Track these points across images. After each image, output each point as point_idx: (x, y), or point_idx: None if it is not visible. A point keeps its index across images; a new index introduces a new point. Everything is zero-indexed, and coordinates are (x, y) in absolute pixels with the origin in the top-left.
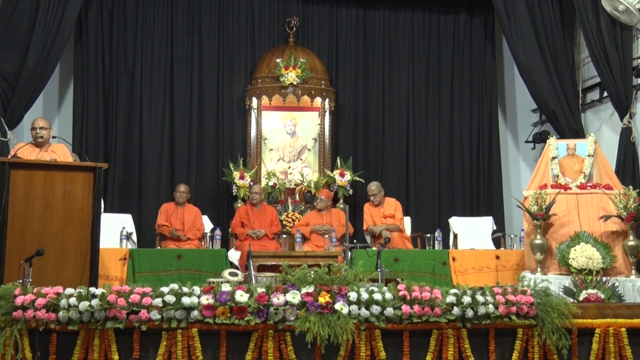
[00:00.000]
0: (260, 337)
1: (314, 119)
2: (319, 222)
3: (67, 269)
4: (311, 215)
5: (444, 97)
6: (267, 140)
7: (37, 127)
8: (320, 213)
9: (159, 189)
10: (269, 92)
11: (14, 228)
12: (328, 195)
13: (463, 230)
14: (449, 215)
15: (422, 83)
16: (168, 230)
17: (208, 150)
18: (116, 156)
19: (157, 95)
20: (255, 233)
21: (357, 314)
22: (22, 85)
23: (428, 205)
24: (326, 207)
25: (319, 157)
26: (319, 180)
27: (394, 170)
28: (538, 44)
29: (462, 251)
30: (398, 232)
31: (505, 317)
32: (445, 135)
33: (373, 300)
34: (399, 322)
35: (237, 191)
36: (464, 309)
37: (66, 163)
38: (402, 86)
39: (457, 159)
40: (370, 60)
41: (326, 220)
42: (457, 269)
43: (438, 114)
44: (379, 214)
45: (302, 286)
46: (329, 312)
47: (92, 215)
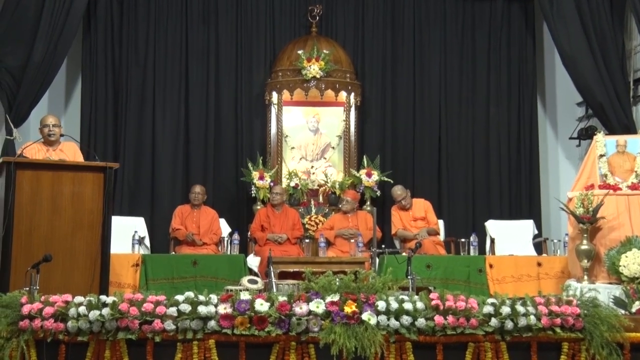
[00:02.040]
0: (281, 350)
1: (338, 115)
2: (344, 225)
3: (76, 276)
4: (336, 219)
5: (479, 90)
6: (288, 138)
7: (50, 124)
8: (345, 216)
9: (173, 190)
10: (290, 86)
11: (20, 232)
12: (354, 197)
13: (501, 234)
14: (485, 218)
15: (455, 75)
16: (183, 234)
17: (225, 149)
18: (127, 155)
19: (171, 91)
20: (276, 237)
21: (386, 324)
22: (28, 81)
23: (462, 207)
24: (352, 209)
25: (344, 156)
26: (344, 181)
27: (424, 170)
28: (584, 30)
29: (499, 257)
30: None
31: (548, 330)
32: (481, 131)
33: (403, 310)
34: (432, 333)
35: (256, 192)
36: (502, 320)
37: (75, 163)
38: (434, 79)
39: (493, 157)
40: (399, 51)
41: (352, 224)
42: (495, 276)
43: (472, 108)
44: (408, 217)
45: (327, 295)
46: (356, 322)
47: (102, 218)
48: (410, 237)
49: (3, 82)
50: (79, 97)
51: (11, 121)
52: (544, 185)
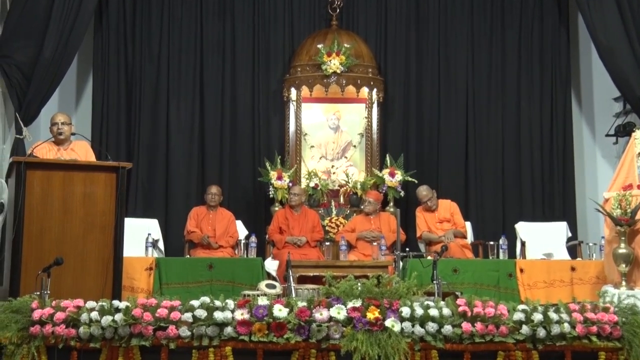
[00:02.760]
0: (301, 357)
1: (360, 112)
2: (366, 227)
3: (88, 280)
4: (357, 220)
5: (509, 85)
6: (307, 136)
7: (58, 122)
8: (367, 218)
9: (188, 191)
10: (309, 82)
11: (31, 234)
12: (377, 198)
13: (532, 237)
14: (515, 220)
15: (483, 69)
16: (198, 236)
17: (242, 148)
18: (140, 155)
19: (185, 88)
20: (295, 240)
21: (410, 332)
22: (38, 78)
23: (491, 208)
24: (374, 210)
25: (366, 155)
26: (366, 181)
27: (451, 169)
28: (622, 21)
29: (531, 261)
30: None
31: (584, 338)
32: (511, 128)
33: (429, 317)
34: (459, 341)
35: (274, 193)
36: (534, 327)
37: (86, 162)
38: (461, 73)
39: (524, 156)
40: (424, 45)
41: (374, 226)
42: (526, 281)
43: (502, 104)
44: (433, 219)
45: (348, 300)
46: (379, 329)
47: (114, 220)
48: (435, 239)
49: (13, 79)
50: (91, 95)
51: (21, 120)
52: (579, 185)
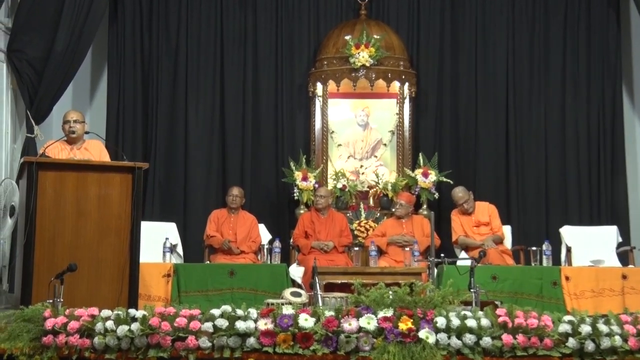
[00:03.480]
0: None
1: (390, 108)
2: (397, 232)
3: (103, 287)
4: (388, 224)
5: (553, 78)
6: (334, 134)
7: (70, 120)
8: (399, 221)
9: (208, 192)
10: (336, 76)
11: (43, 239)
12: (409, 200)
13: (579, 242)
14: (560, 224)
15: (524, 62)
16: (219, 241)
17: (264, 147)
18: (157, 154)
19: (205, 83)
20: (322, 245)
21: (446, 344)
22: (50, 72)
23: (533, 211)
24: (407, 214)
25: (397, 154)
26: (397, 182)
27: (489, 169)
28: None
29: (577, 269)
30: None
31: (637, 353)
32: (555, 124)
33: (466, 328)
34: (499, 354)
35: (299, 195)
36: (582, 340)
37: (101, 163)
38: (500, 66)
39: (570, 154)
40: (460, 35)
41: (407, 230)
42: (572, 290)
43: (545, 99)
44: (470, 223)
45: (379, 309)
46: (412, 341)
47: (130, 224)
48: (473, 244)
49: (23, 74)
50: (105, 91)
51: (32, 118)
52: (631, 187)
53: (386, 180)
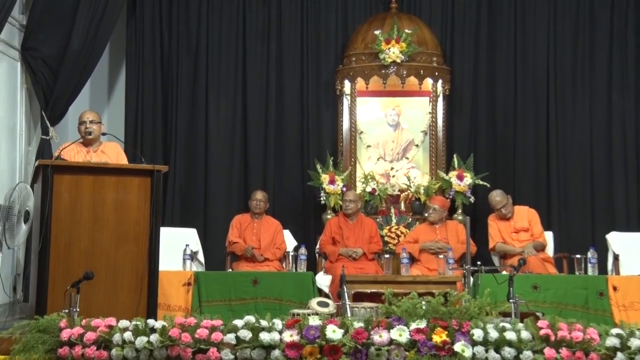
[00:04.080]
0: None
1: (423, 106)
2: (431, 238)
3: (121, 296)
4: (421, 230)
5: (599, 73)
6: (363, 135)
7: (86, 120)
8: (432, 227)
9: (230, 197)
10: (365, 74)
11: (59, 245)
12: (443, 204)
13: (627, 250)
14: (606, 230)
15: (567, 56)
16: (241, 248)
17: (289, 148)
18: (177, 157)
19: (227, 81)
20: (350, 252)
21: (483, 357)
22: (66, 71)
23: (577, 216)
24: (440, 219)
25: (430, 155)
26: (430, 185)
27: (529, 171)
28: None
29: (626, 278)
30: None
31: None
32: (601, 124)
33: (505, 341)
34: None
35: (326, 199)
36: (632, 355)
37: (118, 166)
38: (540, 61)
39: (617, 155)
40: (497, 28)
41: (440, 236)
42: (620, 301)
43: (590, 96)
44: (509, 228)
45: (411, 320)
46: (447, 354)
47: (149, 230)
48: (512, 252)
49: (38, 73)
50: (123, 90)
51: (47, 119)
52: None
53: (418, 183)
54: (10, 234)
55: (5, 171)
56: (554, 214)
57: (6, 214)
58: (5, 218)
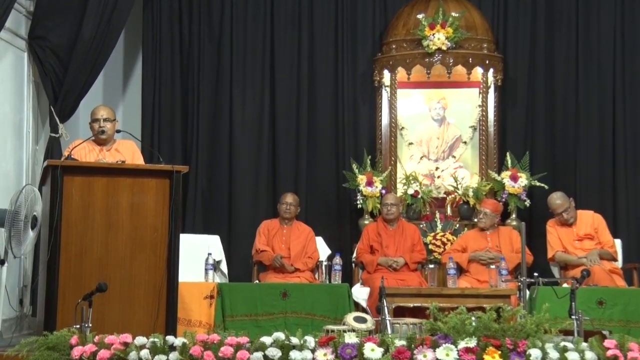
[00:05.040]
0: None
1: (472, 99)
2: (481, 246)
3: (137, 311)
4: (470, 237)
5: None
6: (404, 131)
7: (101, 117)
8: (483, 233)
9: (257, 201)
10: (407, 63)
11: (69, 254)
12: (495, 208)
13: None
14: None
15: (636, 40)
16: (269, 257)
17: (322, 147)
18: (199, 156)
19: (253, 74)
20: (390, 262)
21: None
22: (76, 63)
23: None
24: (492, 224)
25: (480, 154)
26: (480, 187)
27: (593, 172)
28: None
29: None
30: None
31: None
32: None
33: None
34: None
35: (363, 203)
36: None
37: (134, 166)
38: (605, 48)
39: None
40: (556, 10)
41: (492, 244)
42: None
43: None
44: (570, 235)
45: (460, 339)
46: None
47: (168, 237)
48: (574, 262)
49: (47, 64)
50: (140, 84)
51: (57, 115)
52: None
53: (467, 184)
54: (17, 241)
55: (11, 172)
56: (621, 220)
57: (12, 220)
58: (11, 224)
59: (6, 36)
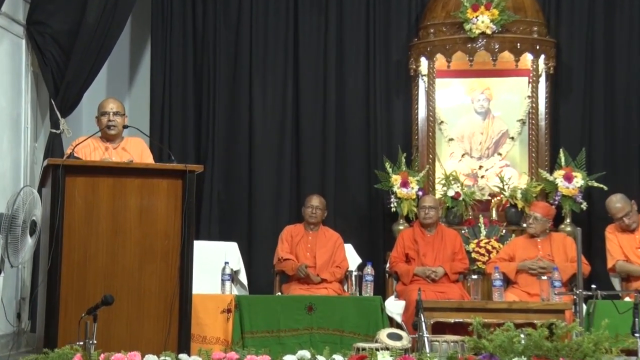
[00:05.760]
0: None
1: (520, 89)
2: (531, 254)
3: (146, 326)
4: (518, 244)
5: None
6: (444, 125)
7: (110, 110)
8: (533, 240)
9: (279, 203)
10: (446, 49)
11: (72, 263)
12: (546, 212)
13: None
14: None
15: None
16: (293, 266)
17: (352, 144)
18: (215, 155)
19: (275, 62)
20: (428, 272)
21: None
22: (79, 51)
23: None
24: (543, 230)
25: (530, 150)
26: (529, 188)
27: None
28: None
29: None
30: None
31: None
32: None
33: None
34: None
35: (397, 206)
36: None
37: (143, 165)
38: None
39: None
40: None
41: (543, 252)
42: None
43: None
44: (633, 243)
45: (507, 358)
46: None
47: (181, 244)
48: (637, 272)
49: (47, 53)
50: (148, 74)
51: (57, 108)
52: None
53: (514, 185)
54: (14, 249)
55: (8, 172)
56: None
57: (8, 225)
58: (8, 230)
59: (2, 21)
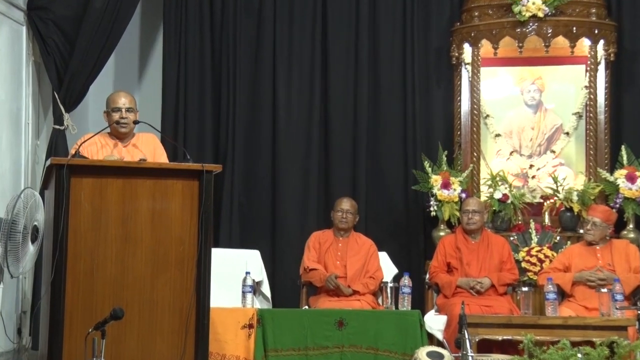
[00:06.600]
0: None
1: (576, 79)
2: (589, 265)
3: (159, 342)
4: (575, 253)
5: None
6: (490, 119)
7: (122, 106)
8: (591, 248)
9: (306, 207)
10: (492, 35)
11: (77, 273)
12: (606, 217)
13: None
14: None
15: None
16: (322, 277)
17: (386, 140)
18: (235, 155)
19: (301, 51)
20: (473, 284)
21: None
22: (85, 39)
23: None
24: (603, 237)
25: (587, 148)
26: (587, 189)
27: None
28: None
29: None
30: None
31: None
32: None
33: None
34: None
35: (438, 210)
36: None
37: (156, 165)
38: None
39: None
40: None
41: (603, 262)
42: None
43: None
44: None
45: None
46: None
47: (197, 252)
48: None
49: (50, 41)
50: (160, 65)
51: (61, 102)
52: None
53: (570, 186)
54: (14, 257)
55: (7, 173)
56: None
57: (8, 231)
58: (7, 236)
59: (0, 7)
